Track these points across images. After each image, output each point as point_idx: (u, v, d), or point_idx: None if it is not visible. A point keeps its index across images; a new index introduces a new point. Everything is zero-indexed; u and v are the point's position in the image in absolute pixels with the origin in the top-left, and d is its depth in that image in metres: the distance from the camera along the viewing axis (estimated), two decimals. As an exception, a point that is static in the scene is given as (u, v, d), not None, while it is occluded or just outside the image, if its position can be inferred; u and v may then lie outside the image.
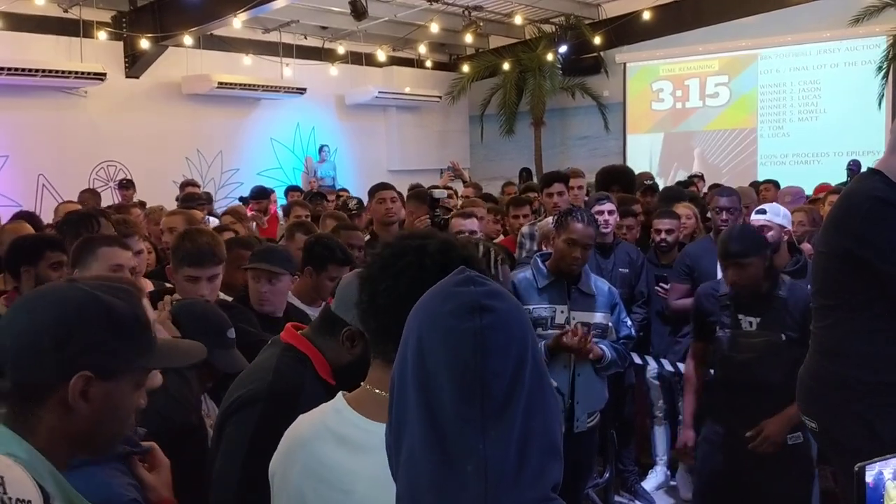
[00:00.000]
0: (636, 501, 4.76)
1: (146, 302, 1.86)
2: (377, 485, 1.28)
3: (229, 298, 3.40)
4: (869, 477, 1.50)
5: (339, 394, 1.45)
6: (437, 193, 4.86)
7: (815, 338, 2.71)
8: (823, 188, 7.14)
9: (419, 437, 0.98)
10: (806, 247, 4.41)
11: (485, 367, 0.96)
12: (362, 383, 1.44)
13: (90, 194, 7.55)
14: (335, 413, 1.42)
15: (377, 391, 1.37)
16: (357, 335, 1.74)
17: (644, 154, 14.07)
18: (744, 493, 3.34)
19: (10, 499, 1.09)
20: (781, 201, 5.93)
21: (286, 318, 3.23)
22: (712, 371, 3.57)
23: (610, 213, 4.63)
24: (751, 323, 3.28)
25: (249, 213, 6.82)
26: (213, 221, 6.23)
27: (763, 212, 4.01)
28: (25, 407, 1.22)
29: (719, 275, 4.30)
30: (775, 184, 7.92)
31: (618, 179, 6.32)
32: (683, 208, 5.22)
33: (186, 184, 8.67)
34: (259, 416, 1.76)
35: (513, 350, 0.98)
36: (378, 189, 4.75)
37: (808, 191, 7.82)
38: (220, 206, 10.76)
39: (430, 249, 1.36)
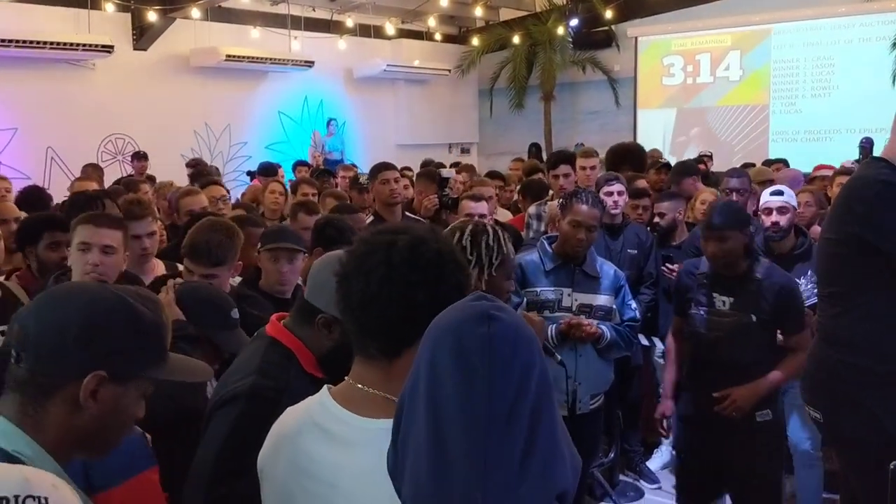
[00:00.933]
0: (641, 481, 4.78)
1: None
2: (362, 479, 1.30)
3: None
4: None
5: (325, 387, 1.46)
6: (446, 173, 4.85)
7: (822, 327, 2.68)
8: (821, 168, 7.00)
9: (424, 440, 1.01)
10: (815, 230, 4.37)
11: (492, 369, 0.99)
12: (346, 377, 1.44)
13: (93, 169, 7.51)
14: (320, 407, 1.43)
15: (359, 386, 1.38)
16: (332, 321, 1.75)
17: (655, 130, 13.97)
18: (716, 469, 3.39)
19: None
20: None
21: (294, 299, 3.24)
22: None
23: (619, 193, 4.60)
24: (724, 302, 3.32)
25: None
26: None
27: (780, 193, 3.98)
28: (36, 399, 1.24)
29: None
30: (785, 162, 7.83)
31: (628, 158, 6.28)
32: (709, 194, 5.13)
33: (193, 163, 8.62)
34: (238, 414, 1.76)
35: (519, 358, 1.01)
36: (382, 169, 4.67)
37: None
38: (227, 179, 10.77)
39: (398, 246, 1.35)
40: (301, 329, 1.86)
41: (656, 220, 4.84)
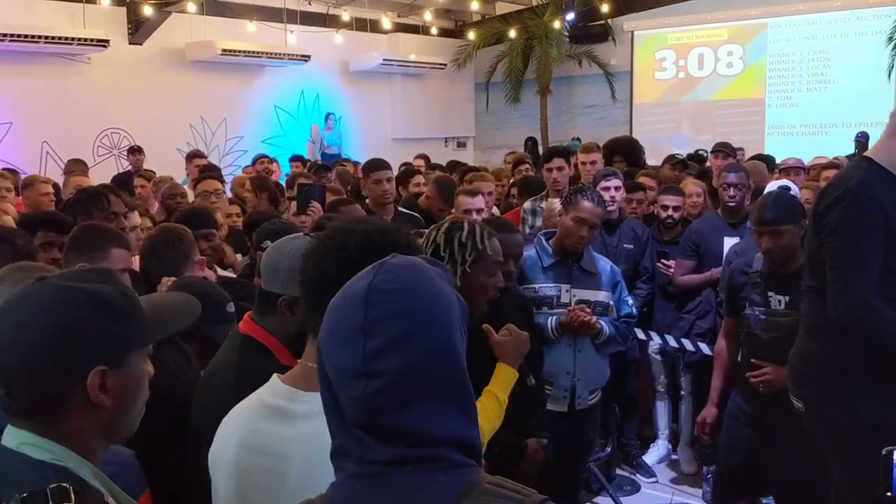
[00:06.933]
0: (637, 475, 4.80)
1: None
2: (313, 447, 1.32)
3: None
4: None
5: (273, 375, 1.53)
6: None
7: (804, 318, 2.76)
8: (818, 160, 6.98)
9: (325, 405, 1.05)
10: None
11: (366, 318, 0.99)
12: (300, 360, 1.51)
13: (74, 163, 7.47)
14: (268, 388, 1.50)
15: (310, 364, 1.42)
16: (293, 301, 1.80)
17: (652, 124, 13.97)
18: (765, 467, 3.34)
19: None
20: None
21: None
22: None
23: (616, 189, 4.59)
24: (780, 301, 3.23)
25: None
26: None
27: (787, 189, 3.99)
28: (51, 418, 1.19)
29: (725, 251, 4.30)
30: (770, 159, 7.62)
31: (622, 152, 6.28)
32: (693, 185, 5.15)
33: (193, 155, 8.55)
34: None
35: (403, 315, 1.00)
36: (374, 169, 4.66)
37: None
38: (224, 173, 10.73)
39: (356, 231, 1.46)
40: (266, 319, 1.89)
41: (670, 213, 4.81)
